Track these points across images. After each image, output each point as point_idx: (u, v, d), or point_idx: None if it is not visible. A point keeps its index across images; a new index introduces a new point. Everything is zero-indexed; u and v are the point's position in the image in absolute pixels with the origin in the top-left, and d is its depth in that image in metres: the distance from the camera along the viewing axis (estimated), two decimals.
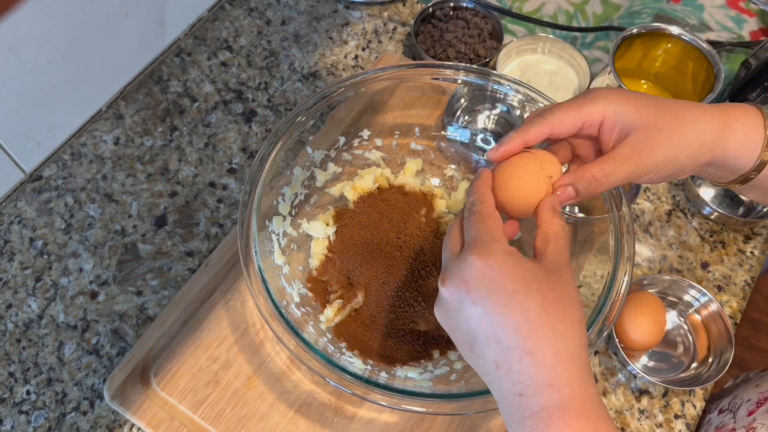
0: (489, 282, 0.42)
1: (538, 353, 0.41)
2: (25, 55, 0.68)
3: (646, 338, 0.65)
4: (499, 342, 0.41)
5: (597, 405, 0.41)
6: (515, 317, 0.41)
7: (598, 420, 0.41)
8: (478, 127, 0.78)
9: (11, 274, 0.71)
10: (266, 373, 0.65)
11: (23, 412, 0.65)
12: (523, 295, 0.42)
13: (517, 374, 0.41)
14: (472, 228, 0.45)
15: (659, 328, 0.66)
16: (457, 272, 0.43)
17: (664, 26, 0.77)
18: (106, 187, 0.77)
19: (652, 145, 0.47)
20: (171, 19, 0.83)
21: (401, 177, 0.73)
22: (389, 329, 0.65)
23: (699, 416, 0.67)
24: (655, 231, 0.76)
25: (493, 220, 0.45)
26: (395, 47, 0.88)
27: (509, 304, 0.41)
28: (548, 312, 0.42)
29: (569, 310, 0.42)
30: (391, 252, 0.68)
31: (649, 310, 0.66)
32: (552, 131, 0.49)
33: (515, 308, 0.41)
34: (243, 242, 0.60)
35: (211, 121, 0.81)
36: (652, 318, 0.66)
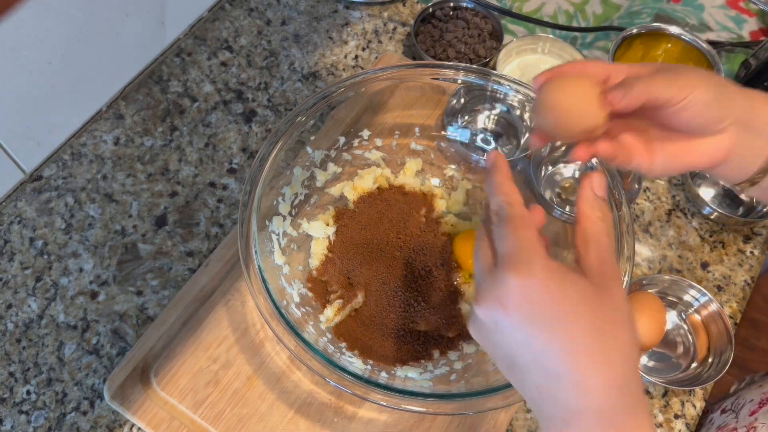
0: (529, 306, 0.38)
1: (585, 384, 0.37)
2: (26, 55, 0.68)
3: (645, 338, 0.65)
4: (542, 368, 0.38)
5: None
6: (560, 345, 0.37)
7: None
8: (478, 127, 0.78)
9: (11, 274, 0.71)
10: (266, 373, 0.65)
11: (23, 412, 0.65)
12: (569, 321, 0.38)
13: (562, 403, 0.38)
14: (504, 238, 0.40)
15: (659, 327, 0.66)
16: (492, 292, 0.39)
17: (664, 26, 0.77)
18: (106, 187, 0.77)
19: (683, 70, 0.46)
20: (171, 19, 0.83)
21: (401, 177, 0.73)
22: (389, 329, 0.65)
23: (699, 416, 0.67)
24: (655, 231, 0.76)
25: (527, 227, 0.40)
26: (395, 47, 0.88)
27: (553, 330, 0.38)
28: (596, 337, 0.38)
29: (620, 331, 0.38)
30: (391, 252, 0.68)
31: (649, 310, 0.66)
32: (584, 68, 0.47)
33: (559, 335, 0.38)
34: (243, 242, 0.60)
35: (211, 121, 0.82)
36: (652, 318, 0.66)
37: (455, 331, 0.65)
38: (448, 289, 0.67)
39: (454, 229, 0.71)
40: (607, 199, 0.60)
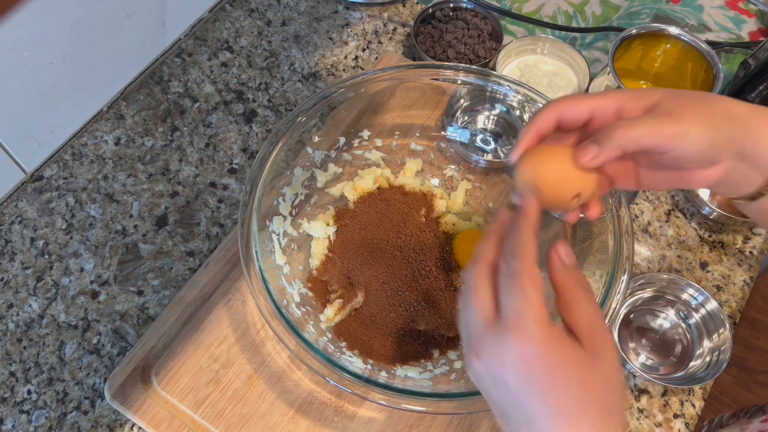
0: (527, 371, 0.39)
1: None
2: (27, 56, 0.68)
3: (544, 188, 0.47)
4: (532, 428, 0.39)
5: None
6: (553, 411, 0.39)
7: None
8: (477, 127, 0.78)
9: (12, 274, 0.72)
10: (267, 372, 0.65)
11: (24, 412, 0.65)
12: (563, 389, 0.39)
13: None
14: (511, 296, 0.41)
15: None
16: (494, 350, 0.40)
17: (663, 27, 0.77)
18: (107, 187, 0.77)
19: (680, 108, 0.43)
20: (172, 20, 0.84)
21: (401, 177, 0.73)
22: (389, 329, 0.65)
23: (698, 416, 0.68)
24: (655, 231, 0.77)
25: (535, 288, 0.40)
26: (395, 48, 0.89)
27: (547, 396, 0.39)
28: (588, 406, 0.39)
29: (611, 398, 0.40)
30: (391, 252, 0.68)
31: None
32: (561, 116, 0.45)
33: (553, 402, 0.39)
34: (243, 242, 0.60)
35: (211, 122, 0.82)
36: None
37: (455, 331, 0.65)
38: (448, 289, 0.67)
39: (454, 229, 0.71)
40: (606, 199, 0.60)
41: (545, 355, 0.39)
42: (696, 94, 0.45)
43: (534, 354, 0.39)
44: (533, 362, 0.39)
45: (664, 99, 0.44)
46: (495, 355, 0.40)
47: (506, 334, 0.40)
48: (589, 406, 0.39)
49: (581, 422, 0.39)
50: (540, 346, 0.39)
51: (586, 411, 0.39)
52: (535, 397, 0.39)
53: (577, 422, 0.39)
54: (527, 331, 0.39)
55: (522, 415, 0.40)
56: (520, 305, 0.40)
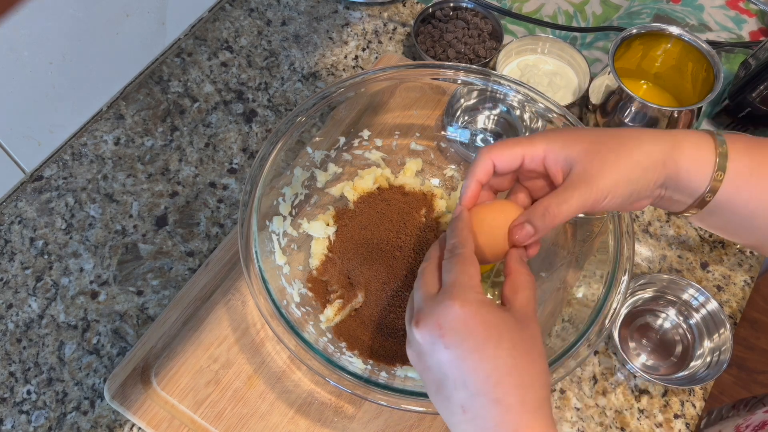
0: (462, 328, 0.43)
1: (505, 401, 0.42)
2: (26, 56, 0.68)
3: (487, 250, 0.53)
4: (468, 388, 0.42)
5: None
6: (486, 365, 0.42)
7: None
8: (478, 127, 0.78)
9: (12, 274, 0.71)
10: (266, 372, 0.65)
11: (24, 412, 0.65)
12: (495, 343, 0.42)
13: (483, 420, 0.42)
14: (451, 271, 0.46)
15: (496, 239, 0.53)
16: (431, 315, 0.44)
17: (663, 26, 0.77)
18: (106, 187, 0.77)
19: (599, 170, 0.47)
20: (171, 20, 0.83)
21: (401, 177, 0.73)
22: (389, 329, 0.65)
23: (698, 416, 0.68)
24: (655, 231, 0.77)
25: (474, 266, 0.46)
26: (395, 47, 0.89)
27: (480, 352, 0.42)
28: (517, 362, 0.42)
29: (536, 361, 0.43)
30: (391, 252, 0.68)
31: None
32: (495, 163, 0.50)
33: (486, 356, 0.42)
34: (243, 242, 0.60)
35: (211, 122, 0.82)
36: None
37: None
38: None
39: None
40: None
41: (479, 314, 0.43)
42: (615, 142, 0.48)
43: (470, 313, 0.43)
44: (469, 322, 0.43)
45: (586, 155, 0.47)
46: (434, 316, 0.43)
47: (445, 299, 0.44)
48: (519, 361, 0.42)
49: (512, 374, 0.42)
50: (475, 308, 0.43)
51: (517, 364, 0.42)
52: (472, 353, 0.42)
53: (509, 373, 0.42)
54: (464, 295, 0.44)
55: (459, 375, 0.42)
56: (458, 275, 0.45)
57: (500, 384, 0.42)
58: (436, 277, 0.48)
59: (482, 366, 0.42)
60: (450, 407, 0.43)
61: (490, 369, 0.42)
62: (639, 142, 0.48)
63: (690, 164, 0.48)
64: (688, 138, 0.48)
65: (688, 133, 0.48)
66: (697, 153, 0.48)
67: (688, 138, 0.48)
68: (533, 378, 0.43)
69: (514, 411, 0.41)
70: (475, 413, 0.42)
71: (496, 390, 0.42)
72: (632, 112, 0.75)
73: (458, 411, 0.42)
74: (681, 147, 0.48)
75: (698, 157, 0.47)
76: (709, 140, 0.48)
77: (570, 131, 0.49)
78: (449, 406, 0.43)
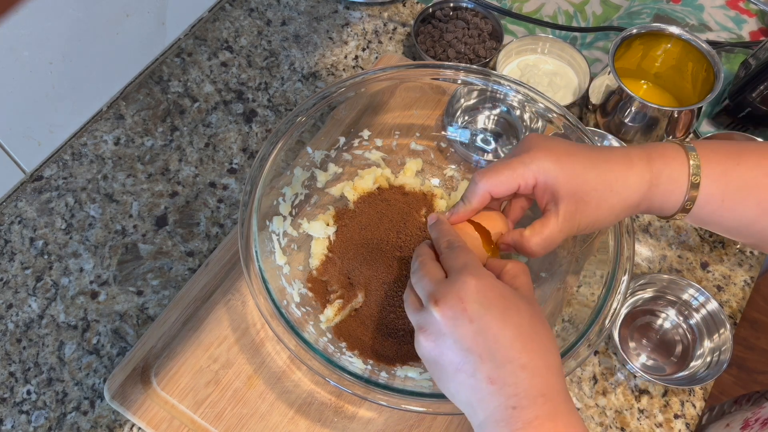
0: (484, 300, 0.44)
1: (532, 366, 0.43)
2: (26, 56, 0.68)
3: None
4: (494, 358, 0.43)
5: (578, 417, 0.44)
6: (510, 332, 0.44)
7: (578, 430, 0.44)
8: (478, 127, 0.78)
9: (12, 274, 0.71)
10: (266, 372, 0.65)
11: (24, 412, 0.65)
12: (515, 312, 0.45)
13: (512, 387, 0.43)
14: (459, 257, 0.48)
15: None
16: (450, 292, 0.45)
17: (663, 26, 0.77)
18: (106, 187, 0.77)
19: (581, 214, 0.51)
20: (171, 20, 0.83)
21: (401, 177, 0.73)
22: (389, 329, 0.65)
23: (699, 416, 0.67)
24: (655, 231, 0.77)
25: (474, 255, 0.49)
26: (395, 47, 0.89)
27: (503, 321, 0.44)
28: (537, 329, 0.45)
29: (548, 330, 0.46)
30: (391, 252, 0.68)
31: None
32: (492, 194, 0.53)
33: (509, 324, 0.44)
34: (243, 242, 0.60)
35: (211, 121, 0.82)
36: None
37: None
38: None
39: None
40: None
41: (496, 287, 0.46)
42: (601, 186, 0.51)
43: (488, 285, 0.45)
44: (488, 293, 0.45)
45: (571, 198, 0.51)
46: (453, 293, 0.45)
47: (460, 276, 0.46)
48: (538, 328, 0.45)
49: (535, 340, 0.44)
50: (491, 279, 0.46)
51: (537, 331, 0.45)
52: (495, 321, 0.44)
53: (531, 339, 0.44)
54: (478, 272, 0.46)
55: (484, 347, 0.43)
56: (467, 260, 0.48)
57: (525, 350, 0.43)
58: (438, 267, 0.49)
59: (506, 334, 0.43)
60: (474, 384, 0.44)
61: (515, 336, 0.43)
62: (620, 188, 0.51)
63: (663, 198, 0.52)
64: (664, 168, 0.52)
65: (664, 160, 0.52)
66: (670, 185, 0.52)
67: (664, 168, 0.52)
68: (551, 343, 0.45)
69: (541, 374, 0.43)
70: (503, 381, 0.43)
71: (522, 356, 0.43)
72: (632, 112, 0.75)
73: (484, 385, 0.43)
74: (657, 182, 0.52)
75: (672, 189, 0.52)
76: (684, 166, 0.51)
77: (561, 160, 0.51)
78: (474, 383, 0.44)
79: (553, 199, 0.52)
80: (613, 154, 0.52)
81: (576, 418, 0.44)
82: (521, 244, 0.53)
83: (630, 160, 0.52)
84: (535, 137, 0.53)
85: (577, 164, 0.51)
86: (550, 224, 0.52)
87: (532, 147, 0.52)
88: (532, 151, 0.52)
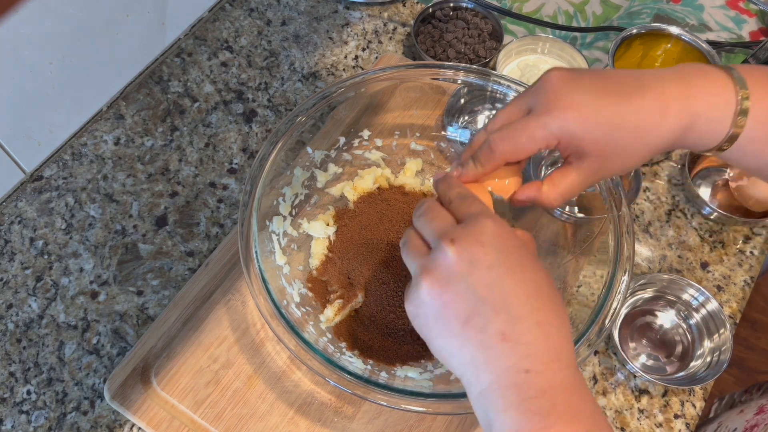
0: (503, 246, 0.40)
1: (547, 325, 0.39)
2: (26, 56, 0.68)
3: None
4: (510, 311, 0.39)
5: (590, 392, 0.41)
6: (527, 286, 0.40)
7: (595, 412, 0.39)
8: (478, 127, 0.78)
9: (12, 274, 0.71)
10: (266, 372, 0.65)
11: (24, 412, 0.65)
12: (531, 266, 0.40)
13: (526, 347, 0.38)
14: (472, 205, 0.43)
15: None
16: (471, 233, 0.40)
17: (663, 26, 0.77)
18: (106, 187, 0.77)
19: (606, 169, 0.47)
20: (171, 20, 0.83)
21: (401, 177, 0.73)
22: (389, 329, 0.65)
23: (698, 416, 0.67)
24: (655, 231, 0.77)
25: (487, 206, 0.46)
26: (395, 47, 0.89)
27: (520, 273, 0.40)
28: (551, 287, 0.41)
29: (559, 295, 0.42)
30: (391, 252, 0.68)
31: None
32: (509, 161, 0.48)
33: (527, 277, 0.40)
34: (243, 242, 0.60)
35: (211, 121, 0.82)
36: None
37: None
38: None
39: None
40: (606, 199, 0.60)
41: (514, 236, 0.42)
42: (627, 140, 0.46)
43: (507, 233, 0.41)
44: (507, 240, 0.41)
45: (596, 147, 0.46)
46: (472, 234, 0.40)
47: (479, 219, 0.41)
48: (552, 287, 0.41)
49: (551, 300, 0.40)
50: (508, 227, 0.42)
51: (551, 289, 0.41)
52: (512, 273, 0.40)
53: (550, 299, 0.40)
54: (496, 217, 0.42)
55: (500, 298, 0.39)
56: (482, 207, 0.43)
57: (542, 308, 0.39)
58: (446, 212, 0.44)
59: (523, 288, 0.39)
60: (483, 340, 0.39)
61: (531, 291, 0.39)
62: (654, 137, 0.45)
63: (696, 140, 0.46)
64: (704, 110, 0.45)
65: (706, 99, 0.45)
66: (708, 128, 0.46)
67: (704, 110, 0.45)
68: (563, 309, 0.41)
69: (556, 336, 0.39)
70: (517, 339, 0.38)
71: (537, 313, 0.39)
72: None
73: (496, 341, 0.38)
74: (695, 125, 0.46)
75: (709, 132, 0.46)
76: (727, 112, 0.45)
77: (585, 112, 0.45)
78: (483, 338, 0.39)
79: (577, 154, 0.47)
80: (647, 97, 0.45)
81: (589, 392, 0.39)
82: (538, 199, 0.49)
83: (665, 103, 0.45)
84: (558, 80, 0.46)
85: (605, 121, 0.45)
86: (571, 177, 0.48)
87: (554, 102, 0.45)
88: (554, 109, 0.45)
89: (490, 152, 0.48)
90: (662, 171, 0.80)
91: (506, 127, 0.48)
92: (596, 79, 0.46)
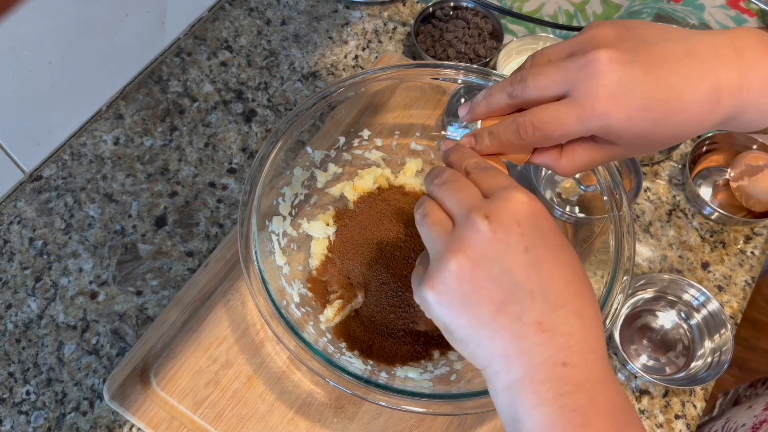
0: (540, 226, 0.36)
1: (585, 315, 0.36)
2: (26, 55, 0.68)
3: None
4: (548, 298, 0.35)
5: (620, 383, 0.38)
6: (565, 272, 0.36)
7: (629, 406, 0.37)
8: (478, 127, 0.78)
9: (11, 274, 0.71)
10: (266, 373, 0.65)
11: (23, 413, 0.65)
12: (568, 250, 0.37)
13: (565, 338, 0.35)
14: (498, 177, 0.39)
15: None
16: (505, 210, 0.36)
17: None
18: (105, 187, 0.77)
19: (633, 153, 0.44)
20: (171, 19, 0.83)
21: (401, 177, 0.73)
22: (389, 329, 0.65)
23: (699, 416, 0.67)
24: (656, 231, 0.76)
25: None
26: (395, 47, 0.88)
27: (558, 256, 0.36)
28: (585, 273, 0.38)
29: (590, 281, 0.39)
30: (391, 252, 0.68)
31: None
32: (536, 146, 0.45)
33: (562, 262, 0.36)
34: (243, 242, 0.60)
35: (211, 121, 0.81)
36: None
37: None
38: None
39: None
40: (607, 199, 0.60)
41: (549, 217, 0.38)
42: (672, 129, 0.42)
43: (541, 210, 0.37)
44: (543, 221, 0.37)
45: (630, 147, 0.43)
46: (508, 212, 0.36)
47: (510, 192, 0.37)
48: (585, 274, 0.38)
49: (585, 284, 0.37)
50: (541, 204, 0.38)
51: (586, 275, 0.38)
52: (551, 256, 0.36)
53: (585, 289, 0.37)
54: (527, 192, 0.38)
55: (537, 284, 0.36)
56: (509, 180, 0.39)
57: (579, 295, 0.36)
58: (471, 184, 0.40)
59: (561, 273, 0.36)
60: (518, 330, 0.35)
61: (569, 277, 0.36)
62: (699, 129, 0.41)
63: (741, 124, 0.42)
64: (758, 102, 0.41)
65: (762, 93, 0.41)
66: (757, 117, 0.42)
67: (758, 102, 0.41)
68: (593, 293, 0.38)
69: (594, 326, 0.36)
70: (555, 329, 0.35)
71: (575, 301, 0.36)
72: None
73: (532, 331, 0.35)
74: (744, 113, 0.41)
75: (757, 120, 0.42)
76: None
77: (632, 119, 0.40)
78: (518, 328, 0.35)
79: (609, 141, 0.43)
80: (701, 89, 0.40)
81: (620, 384, 0.37)
82: (554, 167, 0.45)
83: (718, 96, 0.40)
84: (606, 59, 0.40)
85: (650, 118, 0.40)
86: (593, 157, 0.44)
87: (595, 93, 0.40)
88: (596, 102, 0.40)
89: (518, 138, 0.44)
90: (663, 171, 0.80)
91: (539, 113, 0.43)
92: (644, 52, 0.41)
